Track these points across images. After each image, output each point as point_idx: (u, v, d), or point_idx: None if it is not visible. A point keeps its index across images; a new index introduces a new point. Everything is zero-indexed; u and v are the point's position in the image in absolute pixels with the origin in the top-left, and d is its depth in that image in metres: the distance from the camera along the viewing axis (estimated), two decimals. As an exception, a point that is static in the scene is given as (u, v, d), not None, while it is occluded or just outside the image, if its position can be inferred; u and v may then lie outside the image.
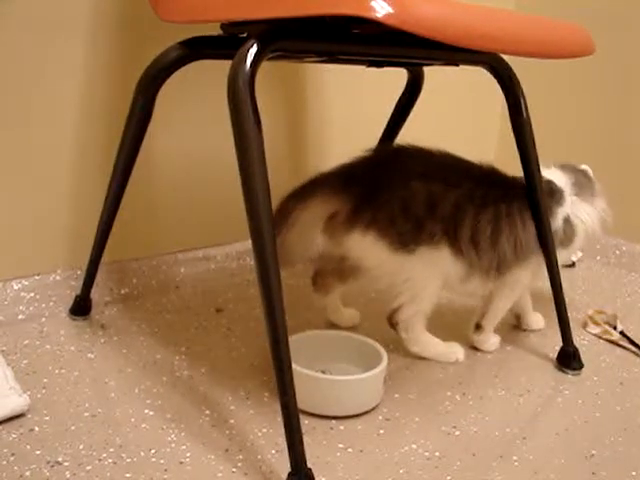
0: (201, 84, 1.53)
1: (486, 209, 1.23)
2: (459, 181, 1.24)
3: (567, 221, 1.36)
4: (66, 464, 0.94)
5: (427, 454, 1.02)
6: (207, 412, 1.09)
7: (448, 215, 1.21)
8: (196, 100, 1.53)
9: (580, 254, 1.96)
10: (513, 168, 1.32)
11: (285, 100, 1.68)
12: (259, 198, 0.88)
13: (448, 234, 1.21)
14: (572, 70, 2.01)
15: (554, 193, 1.36)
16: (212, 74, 1.52)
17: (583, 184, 1.42)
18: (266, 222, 0.88)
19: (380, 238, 1.19)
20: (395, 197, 1.19)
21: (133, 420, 1.06)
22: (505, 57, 1.19)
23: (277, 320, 0.89)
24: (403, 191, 1.20)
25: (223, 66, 0.98)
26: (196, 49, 1.13)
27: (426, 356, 1.32)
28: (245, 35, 1.07)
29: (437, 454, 1.02)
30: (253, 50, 0.89)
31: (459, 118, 2.10)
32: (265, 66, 1.59)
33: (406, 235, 1.19)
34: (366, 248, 1.22)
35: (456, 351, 1.32)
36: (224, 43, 1.13)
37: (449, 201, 1.21)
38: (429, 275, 1.24)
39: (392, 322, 1.29)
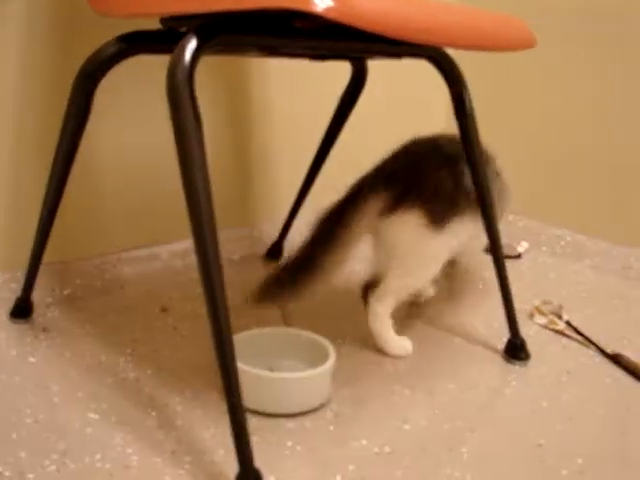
0: (141, 79, 1.50)
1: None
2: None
3: None
4: (7, 474, 0.91)
5: (377, 449, 1.02)
6: (153, 414, 1.07)
7: (469, 188, 1.31)
8: (137, 96, 1.51)
9: (526, 245, 1.98)
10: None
11: (228, 95, 1.66)
12: (200, 196, 0.86)
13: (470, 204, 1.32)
14: (516, 62, 2.03)
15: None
16: (153, 69, 1.49)
17: None
18: (207, 219, 0.86)
19: (418, 218, 1.28)
20: (429, 182, 1.30)
21: (77, 425, 1.03)
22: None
23: (221, 320, 0.88)
24: (435, 176, 1.30)
25: (164, 61, 0.96)
26: (135, 44, 1.11)
27: (378, 337, 1.32)
28: (185, 29, 1.05)
29: (387, 449, 1.02)
30: (192, 45, 0.87)
31: (406, 109, 2.10)
32: (207, 60, 1.58)
33: (440, 214, 1.29)
34: (403, 230, 1.30)
35: (405, 345, 1.33)
36: (163, 38, 1.11)
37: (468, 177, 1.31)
38: (449, 251, 1.35)
39: (368, 289, 1.34)
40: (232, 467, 0.93)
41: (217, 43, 0.90)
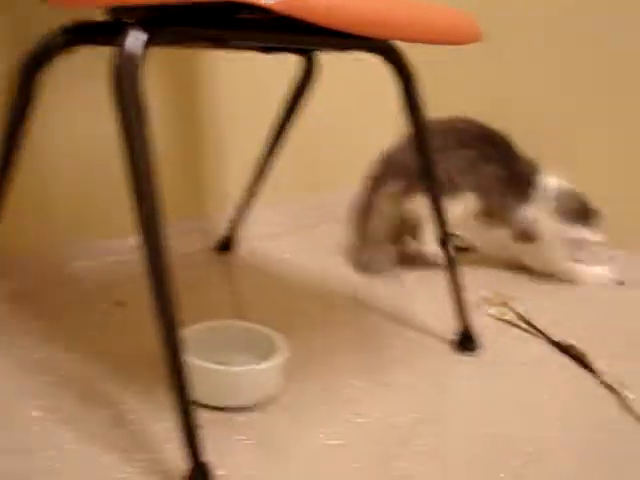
0: (89, 71, 1.48)
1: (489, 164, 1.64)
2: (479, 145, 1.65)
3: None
4: (-49, 473, 0.90)
5: (330, 442, 1.02)
6: (105, 411, 1.06)
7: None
8: (86, 88, 1.48)
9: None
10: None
11: (178, 87, 1.65)
12: (145, 190, 0.85)
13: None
14: (466, 54, 2.04)
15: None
16: (101, 61, 1.47)
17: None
18: (154, 214, 0.85)
19: None
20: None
21: (24, 424, 1.01)
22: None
23: (168, 314, 0.87)
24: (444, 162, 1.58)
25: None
26: (80, 34, 1.08)
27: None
28: (132, 21, 1.03)
29: (341, 442, 1.02)
30: (138, 37, 0.85)
31: (359, 102, 2.10)
32: (156, 52, 1.56)
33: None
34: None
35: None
36: (110, 29, 1.08)
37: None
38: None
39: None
40: (182, 462, 0.92)
41: (164, 35, 0.89)
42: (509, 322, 1.48)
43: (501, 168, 1.65)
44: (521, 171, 1.68)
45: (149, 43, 0.85)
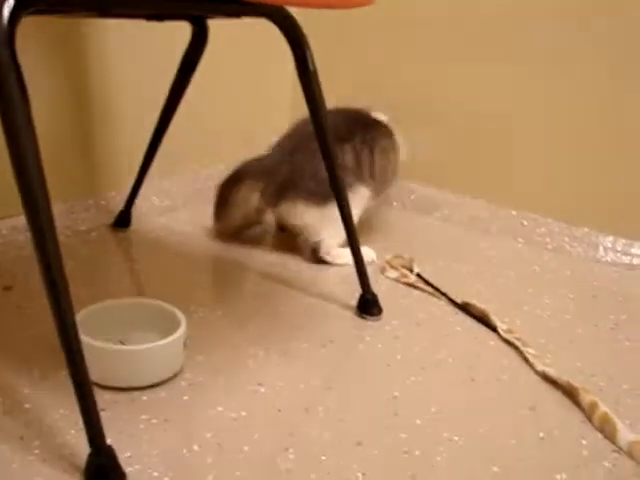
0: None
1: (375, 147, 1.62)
2: (350, 133, 1.59)
3: None
4: None
5: (234, 415, 1.01)
6: (-3, 399, 1.02)
7: (353, 165, 1.57)
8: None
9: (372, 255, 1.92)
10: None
11: (64, 60, 1.58)
12: (29, 167, 0.81)
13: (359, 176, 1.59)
14: (359, 19, 2.03)
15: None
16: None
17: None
18: (38, 192, 0.81)
19: (305, 203, 1.54)
20: (305, 172, 1.53)
21: None
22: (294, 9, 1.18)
23: (59, 295, 0.83)
24: (309, 165, 1.53)
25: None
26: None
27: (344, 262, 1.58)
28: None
29: (243, 414, 1.02)
30: (9, 4, 0.80)
31: (253, 70, 2.07)
32: (38, 23, 1.49)
33: (321, 194, 1.52)
34: (298, 213, 1.56)
35: (368, 253, 1.61)
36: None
37: (348, 152, 1.57)
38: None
39: (316, 253, 1.59)
40: (85, 447, 0.89)
41: (37, 2, 0.84)
42: (411, 285, 1.50)
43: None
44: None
45: (19, 10, 0.81)
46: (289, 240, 1.64)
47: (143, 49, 1.73)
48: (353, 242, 1.33)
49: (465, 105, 1.88)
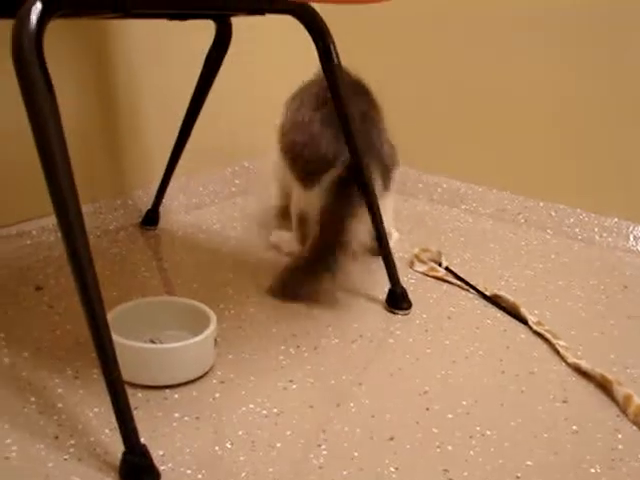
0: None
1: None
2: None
3: None
4: None
5: (265, 412, 1.01)
6: (32, 399, 1.03)
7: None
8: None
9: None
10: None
11: (90, 61, 1.59)
12: (58, 169, 0.81)
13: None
14: (382, 14, 2.03)
15: None
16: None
17: None
18: (68, 193, 0.82)
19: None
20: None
21: (-51, 418, 0.98)
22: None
23: (91, 294, 0.84)
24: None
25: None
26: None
27: None
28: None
29: (275, 410, 1.02)
30: (37, 8, 0.81)
31: (277, 66, 2.07)
32: (65, 25, 1.51)
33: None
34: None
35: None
36: (7, 0, 1.04)
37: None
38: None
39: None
40: (119, 446, 0.90)
41: (63, 5, 0.85)
42: (439, 278, 1.49)
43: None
44: None
45: (47, 14, 0.81)
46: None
47: (168, 48, 1.74)
48: (381, 236, 1.32)
49: (490, 97, 1.87)
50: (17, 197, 1.52)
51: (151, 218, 1.72)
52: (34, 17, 0.81)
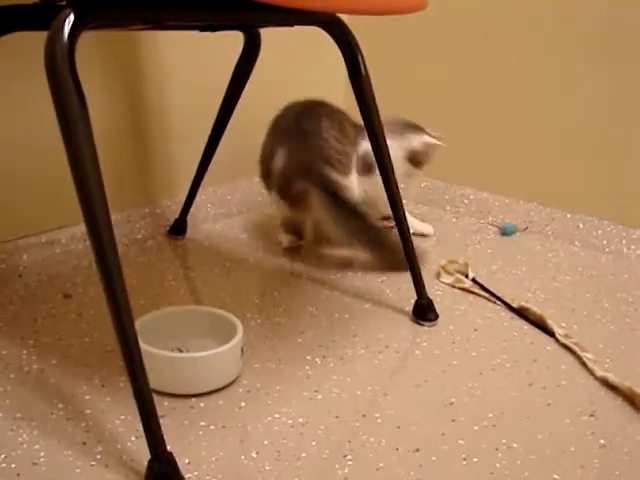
0: (24, 58, 1.43)
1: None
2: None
3: (368, 153, 1.55)
4: None
5: (291, 422, 1.02)
6: (60, 406, 1.04)
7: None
8: (26, 75, 1.44)
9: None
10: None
11: (120, 71, 1.61)
12: (89, 178, 0.82)
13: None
14: (413, 25, 2.03)
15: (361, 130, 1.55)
16: (35, 47, 1.43)
17: (392, 126, 1.67)
18: (98, 202, 0.83)
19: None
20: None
21: (-21, 424, 0.99)
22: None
23: (119, 303, 0.85)
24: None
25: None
26: (9, 19, 1.05)
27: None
28: (63, 3, 1.00)
29: (300, 420, 1.02)
30: (70, 20, 0.82)
31: (304, 78, 2.08)
32: (96, 35, 1.53)
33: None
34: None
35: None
36: (41, 12, 1.05)
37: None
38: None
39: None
40: (145, 453, 0.90)
41: (97, 17, 0.86)
42: (466, 289, 1.49)
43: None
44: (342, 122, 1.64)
45: (80, 25, 0.83)
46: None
47: (197, 59, 1.76)
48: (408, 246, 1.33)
49: (517, 108, 1.86)
50: (47, 205, 1.54)
51: (179, 227, 1.73)
52: (67, 28, 0.82)
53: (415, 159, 1.71)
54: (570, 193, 1.82)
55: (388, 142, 1.51)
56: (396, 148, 1.65)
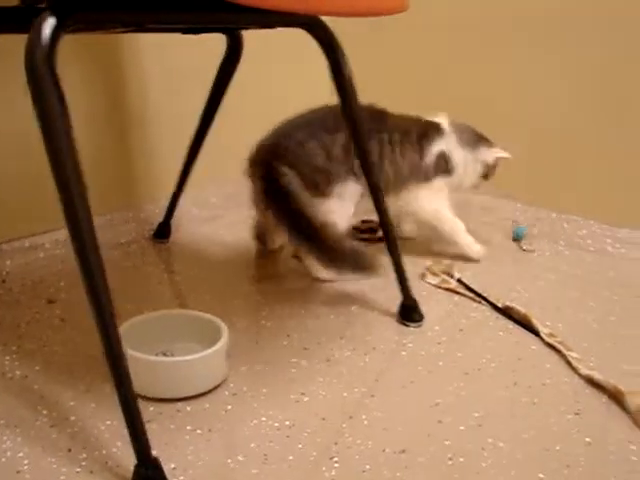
0: (4, 61, 1.42)
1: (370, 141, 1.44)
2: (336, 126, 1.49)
3: (442, 155, 1.62)
4: None
5: (277, 424, 1.01)
6: (45, 412, 1.03)
7: (342, 155, 1.49)
8: (2, 79, 1.43)
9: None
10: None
11: (102, 74, 1.60)
12: (70, 182, 0.82)
13: (347, 170, 1.49)
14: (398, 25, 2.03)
15: (434, 129, 1.64)
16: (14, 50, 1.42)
17: (466, 136, 1.67)
18: (80, 206, 0.82)
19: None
20: (300, 162, 1.46)
21: (-38, 431, 0.98)
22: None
23: (103, 308, 0.85)
24: (303, 155, 1.47)
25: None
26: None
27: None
28: (43, 6, 0.99)
29: (287, 423, 1.02)
30: (50, 23, 0.82)
31: (288, 79, 2.08)
32: (77, 38, 1.52)
33: (319, 184, 1.47)
34: None
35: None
36: (22, 15, 1.04)
37: (338, 144, 1.48)
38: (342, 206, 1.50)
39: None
40: (131, 458, 0.90)
41: (77, 20, 0.86)
42: (451, 290, 1.49)
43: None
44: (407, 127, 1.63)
45: (60, 29, 0.82)
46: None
47: (180, 60, 1.75)
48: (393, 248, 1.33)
49: (498, 107, 1.87)
50: (31, 210, 1.53)
51: (163, 231, 1.73)
52: (47, 32, 0.81)
53: (485, 172, 1.70)
54: (555, 193, 1.82)
55: (463, 154, 1.64)
56: (474, 163, 1.66)
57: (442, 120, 1.68)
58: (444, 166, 1.64)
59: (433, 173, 1.63)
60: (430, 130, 1.65)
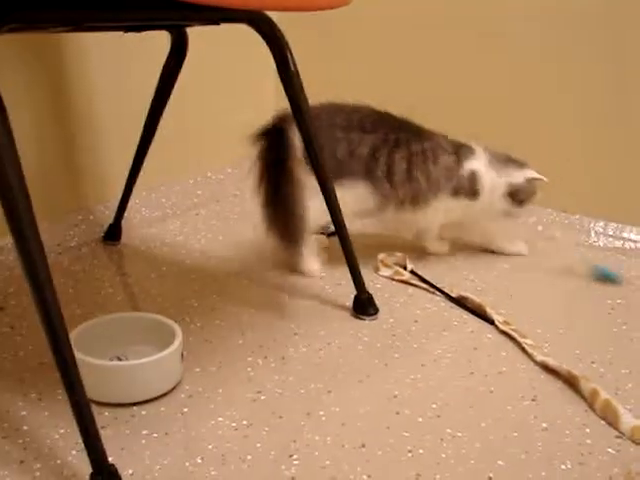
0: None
1: (399, 149, 1.49)
2: (374, 128, 1.50)
3: (473, 176, 1.55)
4: None
5: (234, 424, 1.00)
6: (-5, 423, 1.01)
7: (366, 156, 1.48)
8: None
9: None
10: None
11: (45, 76, 1.57)
12: (12, 187, 0.80)
13: (366, 172, 1.48)
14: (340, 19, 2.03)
15: (465, 150, 1.58)
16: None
17: (498, 160, 1.59)
18: (23, 212, 0.80)
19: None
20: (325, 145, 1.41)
21: None
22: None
23: (51, 314, 0.82)
24: (330, 141, 1.47)
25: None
26: None
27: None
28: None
29: (244, 423, 1.01)
30: (-17, 25, 0.80)
31: (234, 76, 2.07)
32: (18, 38, 1.48)
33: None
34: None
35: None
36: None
37: (366, 144, 1.48)
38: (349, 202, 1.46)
39: None
40: (87, 466, 0.88)
41: (14, 19, 0.83)
42: (405, 282, 1.49)
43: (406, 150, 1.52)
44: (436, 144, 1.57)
45: (-3, 30, 0.80)
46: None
47: (125, 60, 1.72)
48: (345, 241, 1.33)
49: (474, 105, 1.88)
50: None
51: (113, 233, 1.70)
52: (-19, 33, 0.79)
53: (516, 196, 1.58)
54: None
55: (489, 176, 1.56)
56: (496, 183, 1.57)
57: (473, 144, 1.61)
58: (471, 188, 1.56)
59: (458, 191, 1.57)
60: (463, 147, 1.58)
